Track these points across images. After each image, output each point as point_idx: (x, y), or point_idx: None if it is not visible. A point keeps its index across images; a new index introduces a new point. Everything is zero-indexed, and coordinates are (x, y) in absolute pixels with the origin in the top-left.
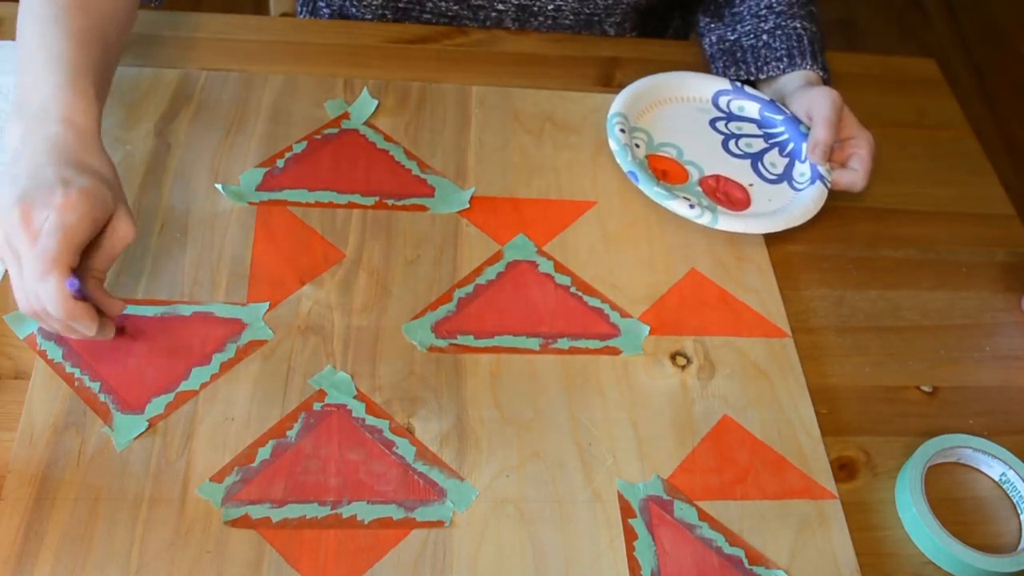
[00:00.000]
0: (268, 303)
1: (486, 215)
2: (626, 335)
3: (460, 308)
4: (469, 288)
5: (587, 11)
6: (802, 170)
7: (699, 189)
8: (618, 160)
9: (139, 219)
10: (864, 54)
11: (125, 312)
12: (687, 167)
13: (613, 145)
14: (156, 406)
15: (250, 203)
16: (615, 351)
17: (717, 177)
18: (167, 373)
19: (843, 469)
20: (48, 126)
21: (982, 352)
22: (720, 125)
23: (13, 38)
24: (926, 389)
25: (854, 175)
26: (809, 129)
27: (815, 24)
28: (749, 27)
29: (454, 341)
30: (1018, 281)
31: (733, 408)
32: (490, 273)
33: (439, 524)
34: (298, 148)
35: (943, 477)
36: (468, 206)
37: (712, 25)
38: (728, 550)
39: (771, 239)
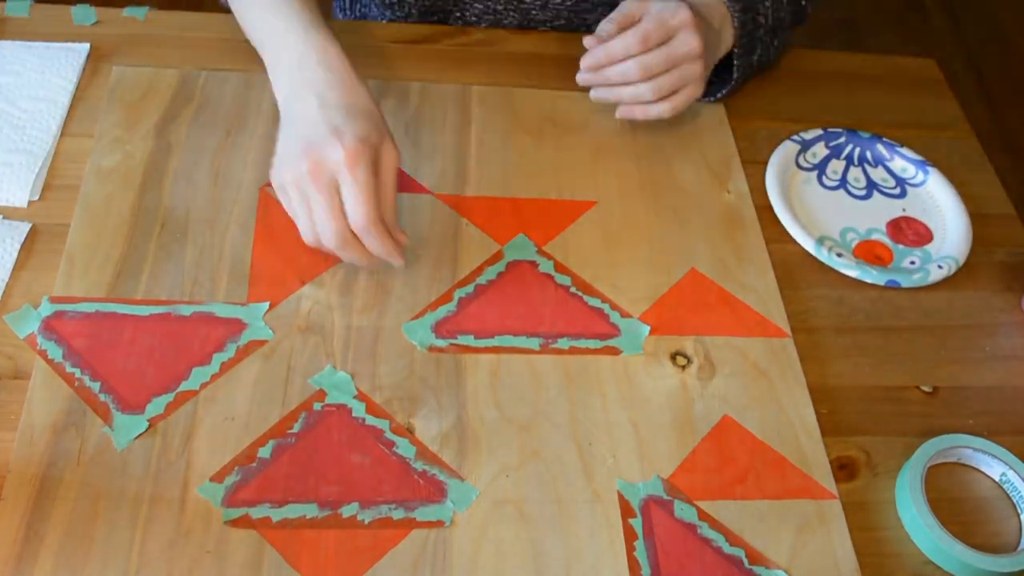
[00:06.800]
0: (268, 303)
1: (486, 215)
2: (626, 335)
3: (460, 308)
4: (469, 288)
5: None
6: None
7: (890, 239)
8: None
9: (139, 219)
10: (864, 54)
11: (125, 312)
12: (874, 237)
13: (851, 274)
14: (156, 406)
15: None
16: (615, 351)
17: (895, 221)
18: (167, 373)
19: (843, 469)
20: (310, 75)
21: (982, 352)
22: (833, 186)
23: (13, 38)
24: (926, 389)
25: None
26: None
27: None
28: None
29: (454, 341)
30: (1018, 281)
31: (733, 408)
32: (490, 273)
33: (439, 524)
34: None
35: (943, 477)
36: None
37: None
38: (728, 550)
39: (771, 239)
